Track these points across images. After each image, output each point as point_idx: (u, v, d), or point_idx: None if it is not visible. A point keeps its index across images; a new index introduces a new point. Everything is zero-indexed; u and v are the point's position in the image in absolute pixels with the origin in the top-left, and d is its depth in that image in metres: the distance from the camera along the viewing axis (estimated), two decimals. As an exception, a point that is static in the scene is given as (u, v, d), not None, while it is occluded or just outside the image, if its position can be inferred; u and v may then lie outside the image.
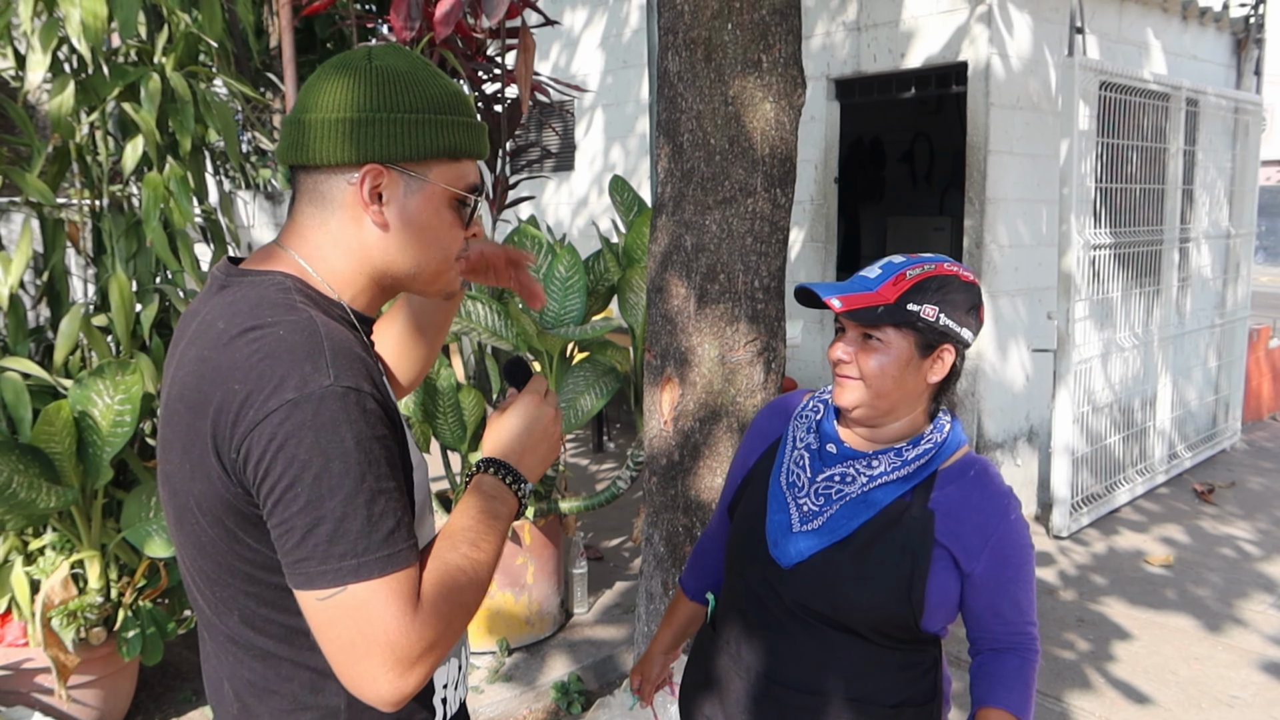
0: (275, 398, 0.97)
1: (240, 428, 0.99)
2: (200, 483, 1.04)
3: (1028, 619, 1.52)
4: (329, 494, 0.97)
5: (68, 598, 2.93)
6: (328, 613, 0.98)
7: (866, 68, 5.64)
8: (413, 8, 3.39)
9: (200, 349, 1.06)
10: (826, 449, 1.56)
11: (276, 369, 0.99)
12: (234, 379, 1.00)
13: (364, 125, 1.08)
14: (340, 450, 0.97)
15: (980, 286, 1.53)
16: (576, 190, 7.85)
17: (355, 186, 1.10)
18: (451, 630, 1.03)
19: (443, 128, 1.12)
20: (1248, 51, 7.12)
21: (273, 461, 0.97)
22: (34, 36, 2.91)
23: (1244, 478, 6.37)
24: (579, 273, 3.80)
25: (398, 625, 0.98)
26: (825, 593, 1.48)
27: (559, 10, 7.70)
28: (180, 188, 3.11)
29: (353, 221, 1.12)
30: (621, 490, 3.97)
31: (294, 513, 0.97)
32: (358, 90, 1.09)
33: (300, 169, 1.13)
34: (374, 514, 0.99)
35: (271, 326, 1.02)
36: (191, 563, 1.12)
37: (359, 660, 0.98)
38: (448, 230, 1.16)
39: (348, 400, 0.99)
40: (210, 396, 1.01)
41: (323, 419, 0.97)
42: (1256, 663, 3.80)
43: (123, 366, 2.83)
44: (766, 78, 2.47)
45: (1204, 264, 6.66)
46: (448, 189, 1.14)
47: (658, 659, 1.89)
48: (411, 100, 1.10)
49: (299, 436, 0.97)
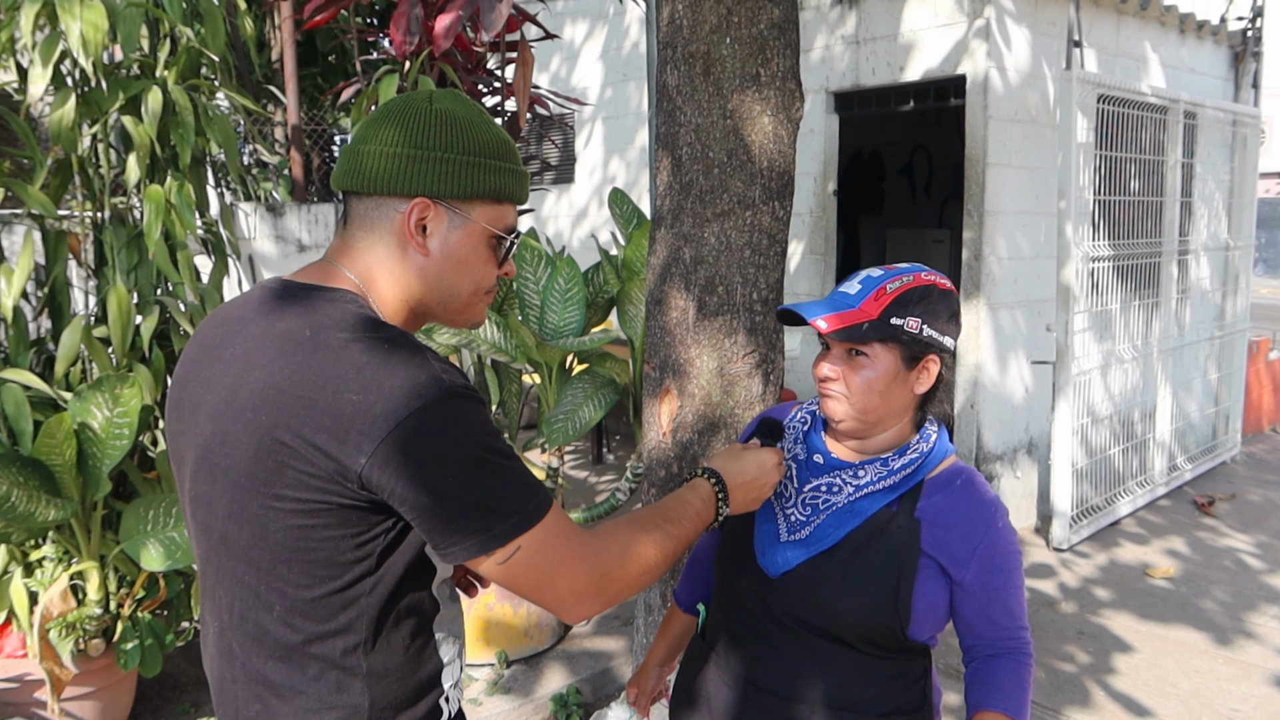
0: (404, 407, 1.07)
1: (371, 437, 1.06)
2: (288, 478, 1.10)
3: (1019, 623, 1.53)
4: (483, 474, 1.10)
5: (66, 609, 2.93)
6: (510, 569, 1.13)
7: (865, 81, 5.66)
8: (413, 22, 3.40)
9: (289, 355, 1.12)
10: (814, 459, 1.57)
11: (395, 379, 1.08)
12: (348, 389, 1.08)
13: (418, 161, 1.19)
14: (473, 438, 1.10)
15: (957, 293, 1.54)
16: (576, 202, 7.87)
17: (403, 215, 1.21)
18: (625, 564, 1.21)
19: (490, 172, 1.23)
20: (1245, 65, 7.15)
21: (419, 463, 1.07)
22: (36, 50, 2.92)
23: (1244, 490, 6.37)
24: (578, 285, 3.81)
25: (582, 547, 1.17)
26: (812, 602, 1.49)
27: (559, 24, 7.73)
28: (181, 200, 3.12)
29: (398, 248, 1.22)
30: (621, 501, 3.97)
31: (450, 503, 1.09)
32: (416, 129, 1.20)
33: (354, 194, 1.24)
34: (519, 476, 1.14)
35: (373, 339, 1.12)
36: (242, 554, 1.15)
37: (550, 591, 1.15)
38: (482, 265, 1.27)
39: (467, 397, 1.12)
40: (318, 402, 1.08)
41: (451, 418, 1.09)
42: (1259, 676, 3.79)
43: (122, 379, 2.84)
44: (765, 91, 2.48)
45: (1203, 276, 6.67)
46: (487, 228, 1.25)
47: (653, 672, 1.90)
48: (464, 143, 1.21)
49: (439, 436, 1.08)
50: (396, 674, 1.19)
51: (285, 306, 1.18)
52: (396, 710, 1.20)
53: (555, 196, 8.05)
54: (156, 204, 3.04)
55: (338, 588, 1.14)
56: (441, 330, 3.69)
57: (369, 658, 1.17)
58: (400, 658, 1.19)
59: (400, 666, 1.20)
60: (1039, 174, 5.46)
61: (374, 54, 5.47)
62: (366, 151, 1.20)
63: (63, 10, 2.86)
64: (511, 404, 4.10)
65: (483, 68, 4.12)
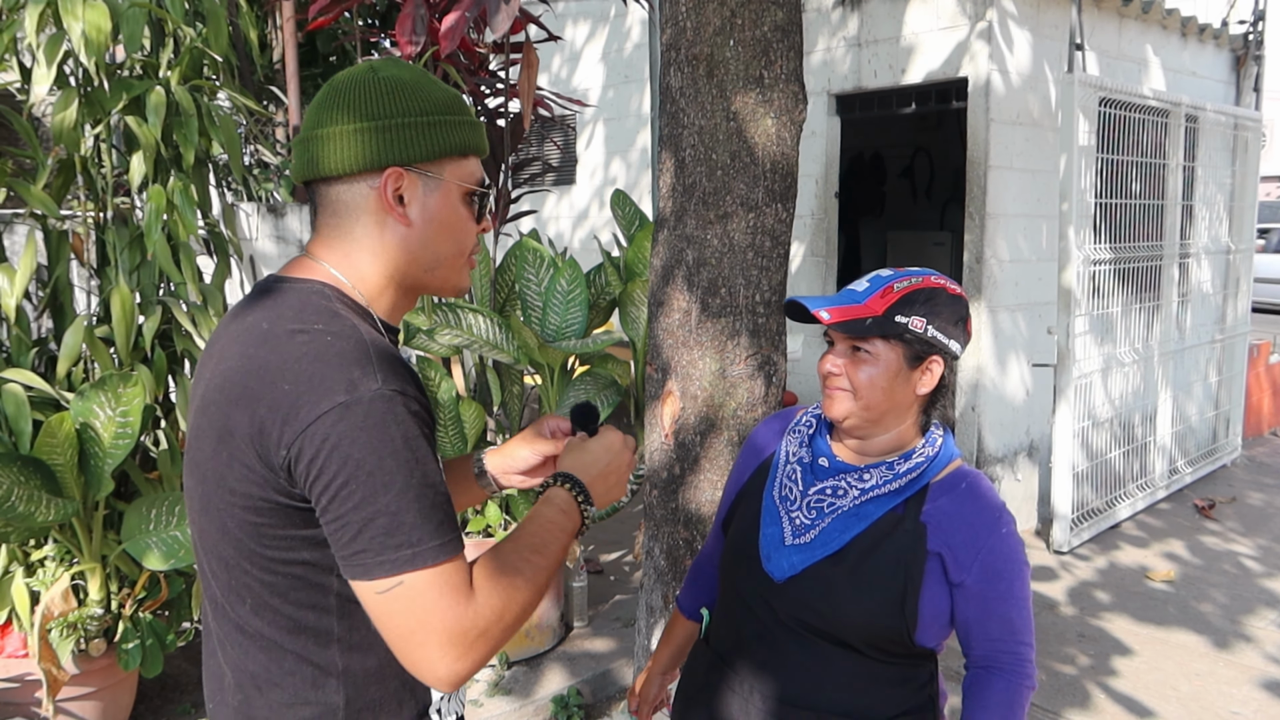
0: (327, 400, 1.03)
1: (291, 427, 1.04)
2: (236, 471, 1.08)
3: (1020, 638, 1.49)
4: (383, 490, 1.03)
5: (68, 609, 2.93)
6: (387, 603, 1.04)
7: (867, 83, 5.66)
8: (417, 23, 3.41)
9: (244, 346, 1.11)
10: (819, 463, 1.57)
11: (326, 372, 1.05)
12: (283, 379, 1.05)
13: (380, 132, 1.15)
14: (391, 449, 1.04)
15: (967, 300, 1.54)
16: (578, 204, 7.88)
17: (377, 191, 1.17)
18: (504, 622, 1.09)
19: (451, 128, 1.20)
20: (1247, 68, 7.15)
21: (327, 461, 1.03)
22: (39, 50, 2.92)
23: (1245, 493, 6.37)
24: (580, 286, 3.81)
25: (453, 610, 1.04)
26: (818, 606, 1.49)
27: (561, 25, 7.74)
28: (184, 200, 3.12)
29: (376, 225, 1.19)
30: (622, 503, 3.97)
31: (350, 508, 1.03)
32: (369, 101, 1.16)
33: (320, 183, 1.19)
34: (425, 506, 1.05)
35: (319, 331, 1.09)
36: (212, 548, 1.15)
37: (419, 646, 1.04)
38: (464, 224, 1.24)
39: (394, 403, 1.06)
40: (256, 392, 1.06)
41: (373, 420, 1.03)
42: (1258, 679, 3.79)
43: (124, 379, 2.84)
44: (768, 93, 2.48)
45: (1204, 279, 6.67)
46: (461, 185, 1.22)
47: (656, 679, 1.88)
48: (420, 105, 1.18)
49: (352, 437, 1.03)
50: (376, 676, 1.17)
51: (257, 301, 1.17)
52: (376, 713, 1.17)
53: (557, 198, 8.05)
54: (158, 204, 3.04)
55: (300, 586, 1.12)
56: (444, 332, 3.69)
57: (345, 656, 1.15)
58: (379, 659, 1.17)
59: (380, 669, 1.17)
60: (1040, 177, 5.46)
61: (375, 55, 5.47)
62: (324, 135, 1.16)
63: (65, 11, 2.86)
64: (513, 405, 4.10)
65: (486, 69, 4.12)
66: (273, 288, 1.18)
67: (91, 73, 2.94)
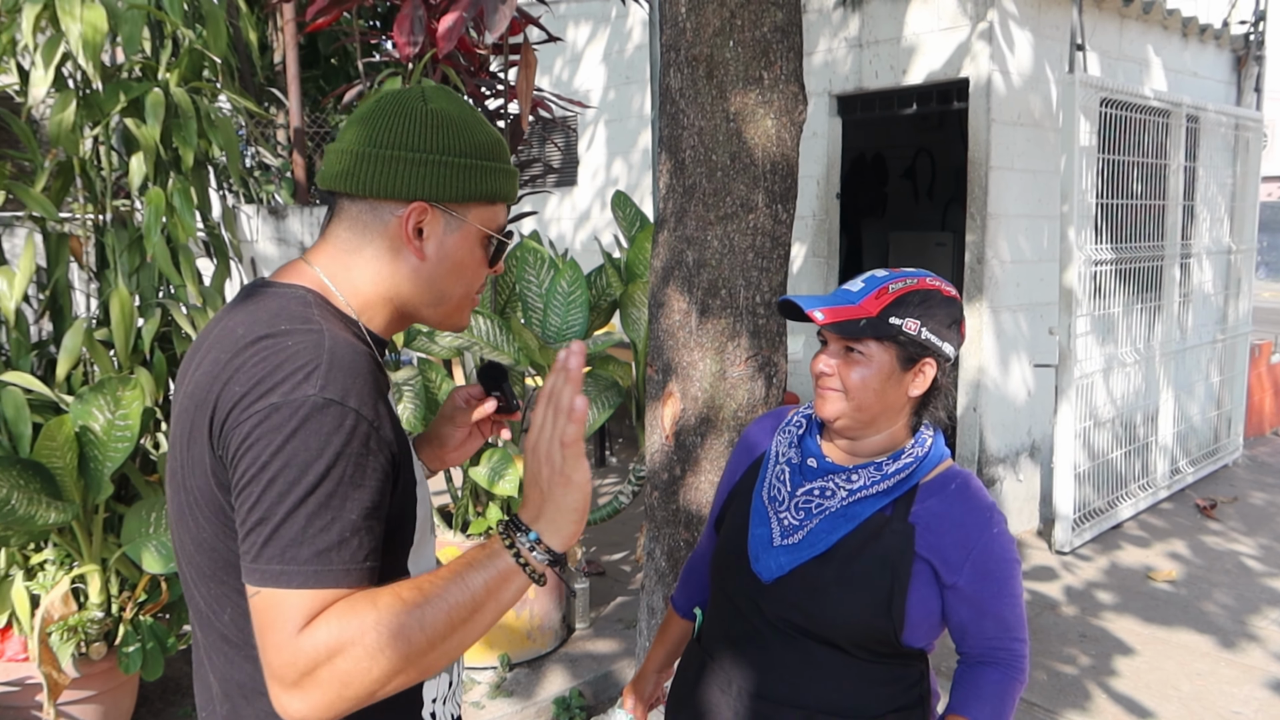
0: (262, 401, 1.01)
1: (228, 425, 1.03)
2: (199, 478, 1.08)
3: (1014, 635, 1.51)
4: (279, 498, 0.98)
5: (67, 613, 2.93)
6: (251, 609, 1.00)
7: (868, 84, 5.66)
8: (416, 24, 3.40)
9: (217, 352, 1.10)
10: (807, 463, 1.56)
11: (274, 375, 1.02)
12: (236, 381, 1.04)
13: (417, 165, 1.15)
14: (302, 459, 0.99)
15: (961, 302, 1.54)
16: (579, 205, 7.87)
17: (399, 219, 1.16)
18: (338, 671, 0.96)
19: (487, 174, 1.19)
20: (1248, 68, 7.14)
21: (242, 458, 1.01)
22: (37, 52, 2.92)
23: (1246, 493, 6.36)
24: (581, 288, 3.81)
25: (276, 639, 0.97)
26: (805, 606, 1.49)
27: (561, 26, 7.73)
28: (183, 203, 3.12)
29: (389, 251, 1.18)
30: (624, 505, 3.97)
31: (247, 509, 1.00)
32: (412, 130, 1.15)
33: (343, 196, 1.19)
34: (314, 528, 0.98)
35: (283, 336, 1.06)
36: (190, 559, 1.14)
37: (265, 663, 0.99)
38: (476, 267, 1.23)
39: (326, 413, 1.01)
40: (217, 397, 1.05)
41: (294, 425, 0.99)
42: (1260, 679, 3.78)
43: (124, 382, 2.83)
44: (768, 94, 2.48)
45: (1205, 279, 6.67)
46: (482, 230, 1.21)
47: (651, 677, 1.89)
48: (461, 145, 1.17)
49: (269, 439, 0.99)
50: None
51: (237, 307, 1.16)
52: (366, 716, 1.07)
53: (558, 199, 8.05)
54: (157, 206, 3.04)
55: None
56: (444, 334, 3.68)
57: None
58: None
59: None
60: (1042, 177, 5.45)
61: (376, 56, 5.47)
62: (360, 153, 1.16)
63: (63, 12, 2.86)
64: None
65: (485, 70, 4.12)
66: (255, 292, 1.17)
67: (90, 74, 2.93)
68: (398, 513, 1.12)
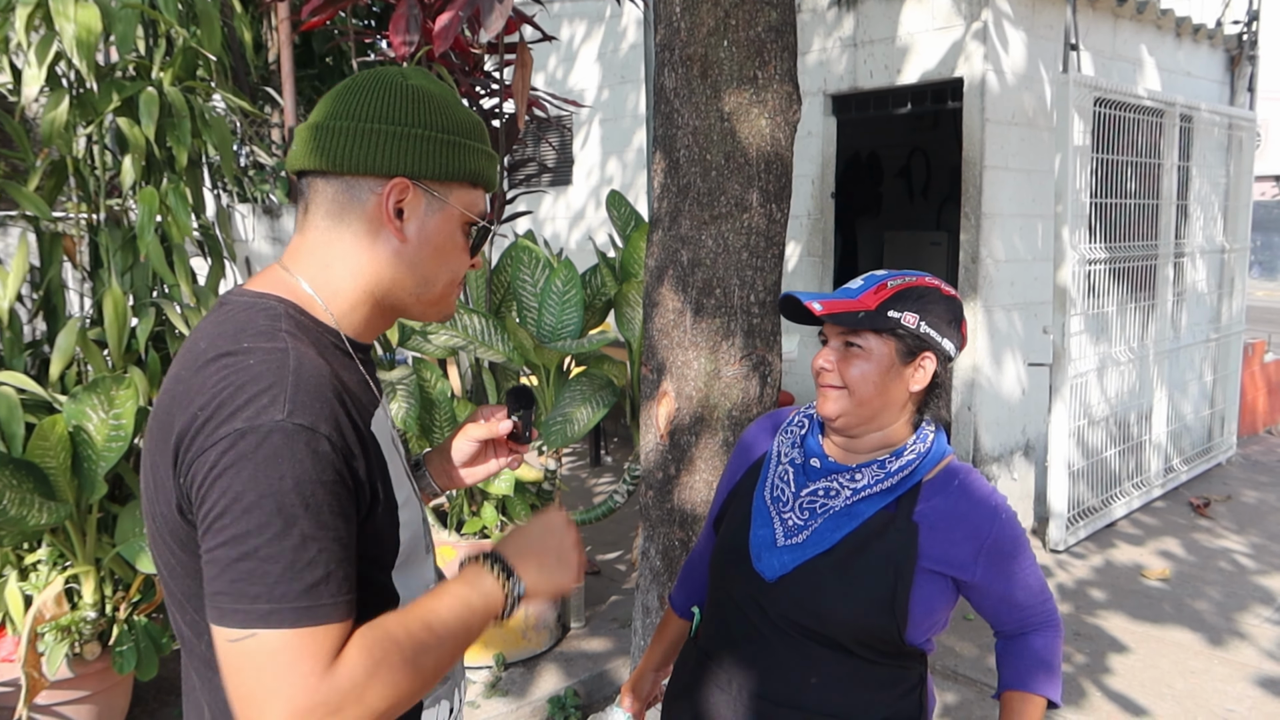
0: (226, 426, 0.95)
1: (190, 452, 0.97)
2: (164, 504, 1.02)
3: (1042, 598, 1.58)
4: (256, 531, 0.93)
5: (60, 613, 2.92)
6: (236, 656, 0.93)
7: (863, 83, 5.66)
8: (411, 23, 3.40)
9: (179, 369, 1.05)
10: (811, 464, 1.57)
11: (236, 398, 0.96)
12: (197, 403, 0.98)
13: (399, 138, 1.09)
14: (277, 488, 0.93)
15: (961, 303, 1.54)
16: (574, 204, 7.87)
17: (379, 197, 1.10)
18: (365, 704, 0.94)
19: (469, 153, 1.14)
20: (1241, 68, 7.16)
21: (210, 489, 0.95)
22: (30, 51, 2.92)
23: (1240, 491, 6.38)
24: (576, 287, 3.81)
25: (304, 682, 0.92)
26: (809, 605, 1.49)
27: (555, 25, 7.73)
28: (177, 202, 3.11)
29: (368, 234, 1.12)
30: (618, 504, 3.97)
31: (219, 543, 0.94)
32: (394, 104, 1.10)
33: (318, 176, 1.12)
34: (299, 561, 0.94)
35: (245, 354, 1.00)
36: (166, 581, 1.10)
37: (258, 712, 0.92)
38: (458, 254, 1.17)
39: (297, 439, 0.95)
40: (176, 418, 1.00)
41: (265, 453, 0.94)
42: (1253, 676, 3.79)
43: (117, 381, 2.83)
44: (762, 94, 2.48)
45: (1199, 278, 6.68)
46: (464, 213, 1.16)
47: (649, 676, 1.89)
48: (444, 121, 1.12)
49: (238, 467, 0.93)
50: None
51: (210, 318, 1.10)
52: None
53: (552, 198, 8.05)
54: (150, 206, 3.03)
55: None
56: (439, 333, 3.68)
57: None
58: None
59: None
60: (1036, 177, 5.47)
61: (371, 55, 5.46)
62: (336, 127, 1.09)
63: (57, 11, 2.85)
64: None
65: (480, 69, 4.12)
66: (226, 302, 1.11)
67: (83, 73, 2.93)
68: (374, 533, 1.08)
